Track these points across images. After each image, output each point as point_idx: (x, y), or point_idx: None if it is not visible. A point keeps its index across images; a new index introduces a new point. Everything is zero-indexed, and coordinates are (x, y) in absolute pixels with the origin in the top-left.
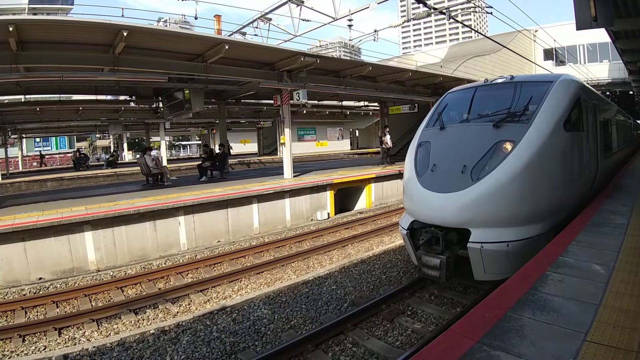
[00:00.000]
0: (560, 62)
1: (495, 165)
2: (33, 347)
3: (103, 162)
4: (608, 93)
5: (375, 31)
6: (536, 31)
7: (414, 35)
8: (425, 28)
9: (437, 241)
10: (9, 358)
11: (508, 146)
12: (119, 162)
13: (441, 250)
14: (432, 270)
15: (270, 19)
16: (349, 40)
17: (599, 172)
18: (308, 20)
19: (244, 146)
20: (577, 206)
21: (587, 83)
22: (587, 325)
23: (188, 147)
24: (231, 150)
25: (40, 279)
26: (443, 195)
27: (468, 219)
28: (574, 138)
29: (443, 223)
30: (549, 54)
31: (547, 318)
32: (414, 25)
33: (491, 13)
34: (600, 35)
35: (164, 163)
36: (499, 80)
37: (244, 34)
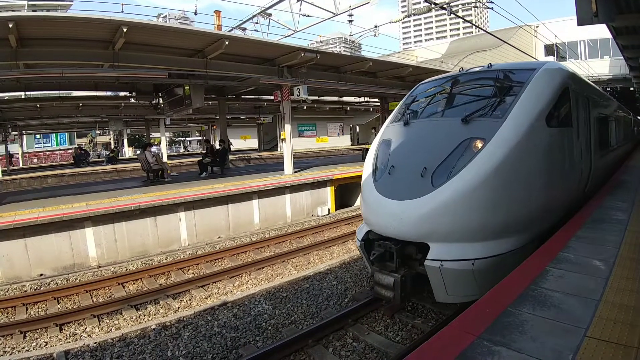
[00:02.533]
0: (562, 58)
1: (460, 168)
2: (34, 344)
3: (103, 159)
4: (609, 89)
5: (375, 26)
6: (537, 27)
7: (415, 31)
8: (425, 23)
9: (391, 257)
10: (10, 354)
11: (478, 145)
12: (120, 158)
13: (395, 268)
14: (385, 290)
15: (270, 15)
16: (350, 35)
17: (594, 172)
18: (308, 16)
19: (244, 142)
20: (566, 212)
21: (588, 79)
22: (587, 321)
23: (189, 142)
24: (231, 146)
25: (41, 275)
26: (399, 202)
27: (426, 231)
28: (560, 134)
29: (398, 235)
30: (550, 50)
31: (548, 313)
32: (414, 20)
33: (492, 8)
34: (601, 31)
35: (164, 159)
36: (476, 69)
37: (244, 29)
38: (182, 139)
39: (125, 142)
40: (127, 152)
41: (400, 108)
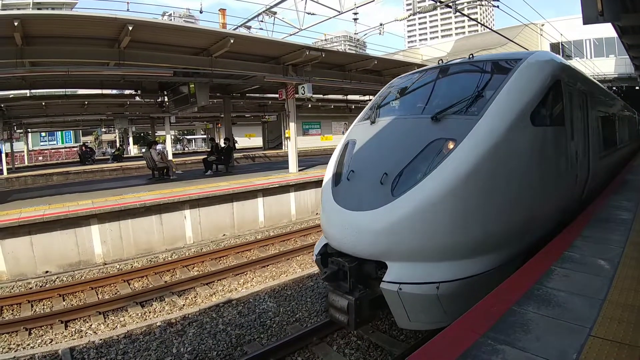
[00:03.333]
0: (567, 57)
1: (424, 174)
2: (39, 340)
3: (109, 156)
4: (615, 88)
5: (380, 25)
6: (543, 25)
7: (420, 29)
8: (431, 21)
9: (345, 276)
10: (15, 351)
11: (448, 147)
12: (125, 156)
13: (349, 289)
14: (339, 313)
15: (275, 13)
16: (355, 34)
17: (592, 176)
18: (313, 14)
19: (249, 140)
20: (558, 222)
21: (594, 78)
22: (592, 320)
23: (193, 141)
24: (236, 144)
25: (47, 272)
26: (354, 214)
27: (383, 249)
28: (549, 135)
29: (353, 252)
30: (555, 48)
31: (552, 313)
32: (419, 18)
33: (497, 6)
34: (606, 30)
35: (169, 157)
36: (456, 61)
37: (249, 27)
38: (181, 137)
39: (131, 140)
40: (133, 150)
41: (371, 104)
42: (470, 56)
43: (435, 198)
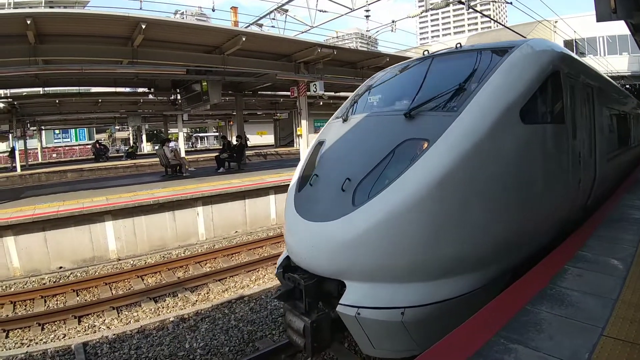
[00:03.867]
0: (581, 54)
1: (391, 180)
2: (52, 335)
3: (122, 154)
4: (628, 86)
5: (392, 22)
6: (556, 22)
7: (432, 26)
8: (443, 18)
9: (300, 294)
10: (28, 346)
11: (420, 148)
12: (138, 153)
13: (305, 309)
14: (296, 335)
15: (286, 10)
16: (366, 31)
17: (599, 180)
18: (325, 11)
19: (260, 138)
20: (558, 233)
21: (607, 75)
22: (604, 320)
23: (205, 138)
24: (248, 142)
25: (61, 267)
26: (312, 225)
27: (341, 266)
28: (545, 133)
29: (310, 268)
30: (569, 46)
31: (565, 312)
32: (431, 15)
33: (511, 3)
34: (619, 28)
35: (182, 154)
36: (442, 51)
37: (260, 25)
38: (192, 134)
39: (144, 137)
40: (146, 147)
41: (348, 100)
42: (458, 45)
43: (400, 209)
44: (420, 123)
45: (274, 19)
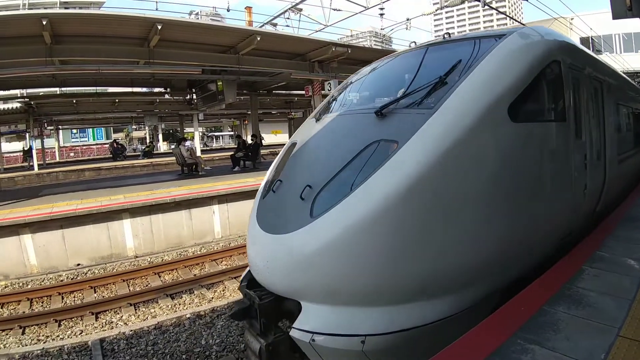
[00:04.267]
0: (597, 51)
1: (352, 189)
2: (69, 332)
3: (139, 153)
4: None
5: (407, 19)
6: (572, 19)
7: (447, 23)
8: (458, 15)
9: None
10: (44, 343)
11: (389, 151)
12: (155, 152)
13: (260, 330)
14: (253, 357)
15: (301, 10)
16: (381, 29)
17: (609, 185)
18: (339, 10)
19: (275, 137)
20: (559, 245)
21: (624, 73)
22: (620, 320)
23: (220, 137)
24: (263, 141)
25: (78, 265)
26: (268, 237)
27: (296, 285)
28: (540, 133)
29: (267, 285)
30: (585, 43)
31: (582, 313)
32: (446, 12)
33: (527, 0)
34: (636, 25)
35: (198, 153)
36: (429, 42)
37: (275, 25)
38: (208, 133)
39: (160, 136)
40: (162, 146)
41: (327, 98)
42: (446, 35)
43: (359, 223)
44: (392, 122)
45: (288, 18)
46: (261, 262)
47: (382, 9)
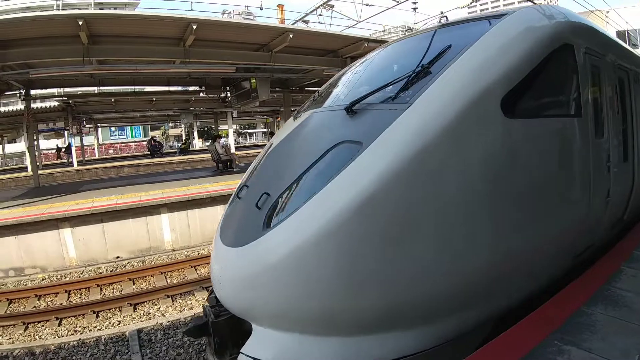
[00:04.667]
0: (633, 45)
1: (307, 199)
2: (107, 323)
3: (176, 150)
4: None
5: (441, 13)
6: (608, 12)
7: None
8: (492, 8)
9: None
10: (81, 333)
11: (351, 154)
12: (191, 149)
13: (214, 350)
14: None
15: (332, 6)
16: (414, 24)
17: (638, 187)
18: (371, 5)
19: None
20: (564, 270)
21: None
22: None
23: (254, 134)
24: None
25: (118, 257)
26: (224, 249)
27: (245, 305)
28: (545, 131)
29: (222, 301)
30: (621, 36)
31: (619, 313)
32: (481, 5)
33: None
34: None
35: (232, 150)
36: (427, 26)
37: (307, 22)
38: (242, 131)
39: (196, 134)
40: (198, 143)
41: (315, 94)
42: (443, 19)
43: (309, 239)
44: (362, 120)
45: (320, 14)
46: (216, 276)
47: (414, 2)
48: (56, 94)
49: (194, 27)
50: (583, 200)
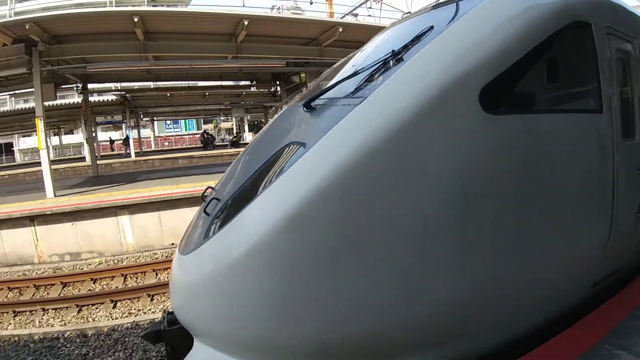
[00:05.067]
0: None
1: (244, 208)
2: (161, 306)
3: (227, 143)
4: None
5: None
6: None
7: None
8: None
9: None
10: (135, 316)
11: (296, 157)
12: (241, 142)
13: (168, 358)
14: None
15: None
16: None
17: None
18: None
19: None
20: (579, 300)
21: None
22: None
23: None
24: None
25: (173, 244)
26: (176, 256)
27: (187, 316)
28: (546, 130)
29: (173, 308)
30: None
31: None
32: None
33: None
34: None
35: None
36: (422, 8)
37: (356, 15)
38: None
39: (246, 127)
40: (248, 136)
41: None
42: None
43: (237, 254)
44: (317, 118)
45: (369, 7)
46: (172, 282)
47: None
48: (113, 88)
49: (246, 22)
50: (602, 218)
